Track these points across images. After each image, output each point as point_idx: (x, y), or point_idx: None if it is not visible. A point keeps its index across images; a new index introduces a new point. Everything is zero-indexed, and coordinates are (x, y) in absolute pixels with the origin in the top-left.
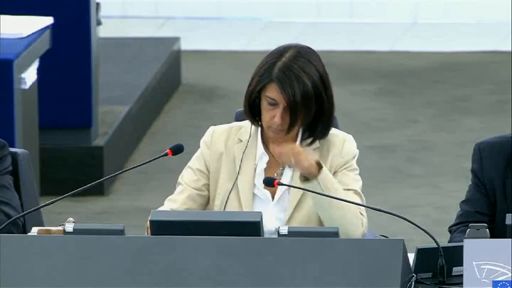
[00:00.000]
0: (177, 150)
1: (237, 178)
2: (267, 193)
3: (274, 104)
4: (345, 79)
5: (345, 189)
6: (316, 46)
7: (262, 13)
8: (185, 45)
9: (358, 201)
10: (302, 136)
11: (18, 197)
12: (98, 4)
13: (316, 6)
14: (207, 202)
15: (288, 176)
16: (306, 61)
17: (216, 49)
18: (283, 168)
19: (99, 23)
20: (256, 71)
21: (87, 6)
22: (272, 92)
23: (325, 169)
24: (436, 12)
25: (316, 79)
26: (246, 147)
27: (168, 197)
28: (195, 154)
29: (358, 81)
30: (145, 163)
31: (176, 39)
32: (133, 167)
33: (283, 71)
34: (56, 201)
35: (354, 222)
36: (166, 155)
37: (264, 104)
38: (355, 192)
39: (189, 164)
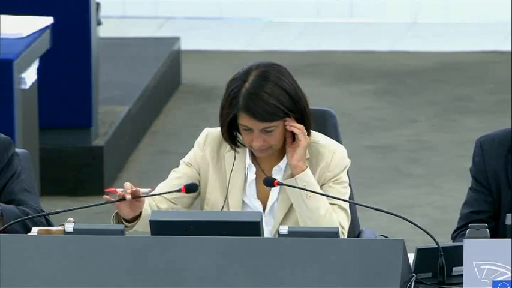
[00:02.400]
0: (191, 189)
1: (228, 190)
2: (257, 205)
3: (248, 129)
4: (345, 79)
5: (330, 203)
6: (316, 46)
7: (262, 13)
8: (185, 45)
9: (343, 215)
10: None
11: (38, 198)
12: (98, 4)
13: (316, 6)
14: (196, 196)
15: (276, 189)
16: (272, 84)
17: (216, 49)
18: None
19: (99, 23)
20: (223, 99)
21: (87, 6)
22: (243, 120)
23: (308, 172)
24: (436, 12)
25: (285, 99)
26: (235, 156)
27: (163, 182)
28: (189, 153)
29: (357, 81)
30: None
31: (176, 39)
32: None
33: (249, 99)
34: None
35: None
36: (180, 191)
37: (241, 129)
38: (339, 207)
39: (184, 159)
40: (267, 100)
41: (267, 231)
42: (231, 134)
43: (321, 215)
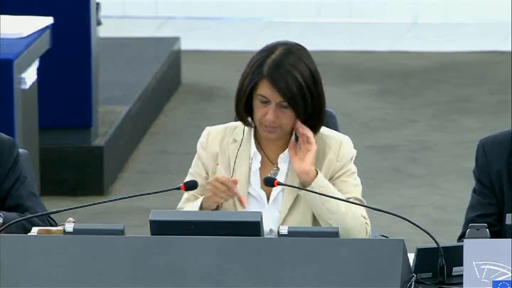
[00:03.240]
0: (190, 186)
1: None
2: (262, 194)
3: (266, 101)
4: (345, 79)
5: (347, 197)
6: (316, 46)
7: (262, 13)
8: (185, 45)
9: (361, 207)
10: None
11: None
12: (98, 4)
13: (316, 6)
14: None
15: (282, 175)
16: (296, 57)
17: (216, 49)
18: (277, 168)
19: (99, 23)
20: (246, 69)
21: (87, 6)
22: (263, 89)
23: (321, 176)
24: (436, 12)
25: (306, 75)
26: (240, 146)
27: (178, 206)
28: (194, 159)
29: (358, 81)
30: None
31: (176, 39)
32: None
33: (274, 68)
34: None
35: (358, 229)
36: (179, 188)
37: (256, 103)
38: (356, 198)
39: (190, 170)
40: (291, 72)
41: (271, 219)
42: (246, 109)
43: (343, 212)
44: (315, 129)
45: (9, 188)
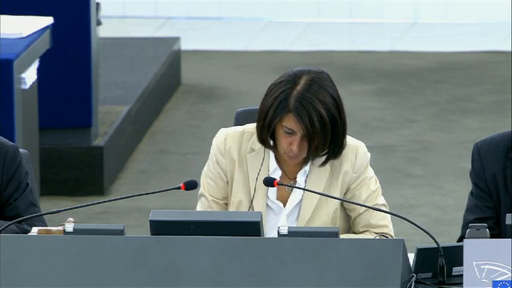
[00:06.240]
0: (190, 186)
1: (254, 195)
2: (280, 204)
3: (291, 132)
4: (345, 79)
5: (374, 204)
6: (316, 46)
7: (262, 13)
8: (185, 45)
9: (382, 219)
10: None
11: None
12: (98, 4)
13: (316, 6)
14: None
15: (299, 191)
16: (319, 87)
17: (216, 49)
18: (295, 182)
19: (99, 23)
20: (268, 100)
21: (87, 6)
22: (289, 122)
23: None
24: (436, 12)
25: (331, 106)
26: (262, 163)
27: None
28: (210, 162)
29: (358, 81)
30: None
31: (176, 39)
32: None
33: (300, 102)
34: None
35: None
36: (179, 188)
37: (281, 132)
38: (379, 206)
39: (207, 173)
40: (315, 106)
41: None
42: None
43: None
44: (337, 153)
45: (9, 197)
